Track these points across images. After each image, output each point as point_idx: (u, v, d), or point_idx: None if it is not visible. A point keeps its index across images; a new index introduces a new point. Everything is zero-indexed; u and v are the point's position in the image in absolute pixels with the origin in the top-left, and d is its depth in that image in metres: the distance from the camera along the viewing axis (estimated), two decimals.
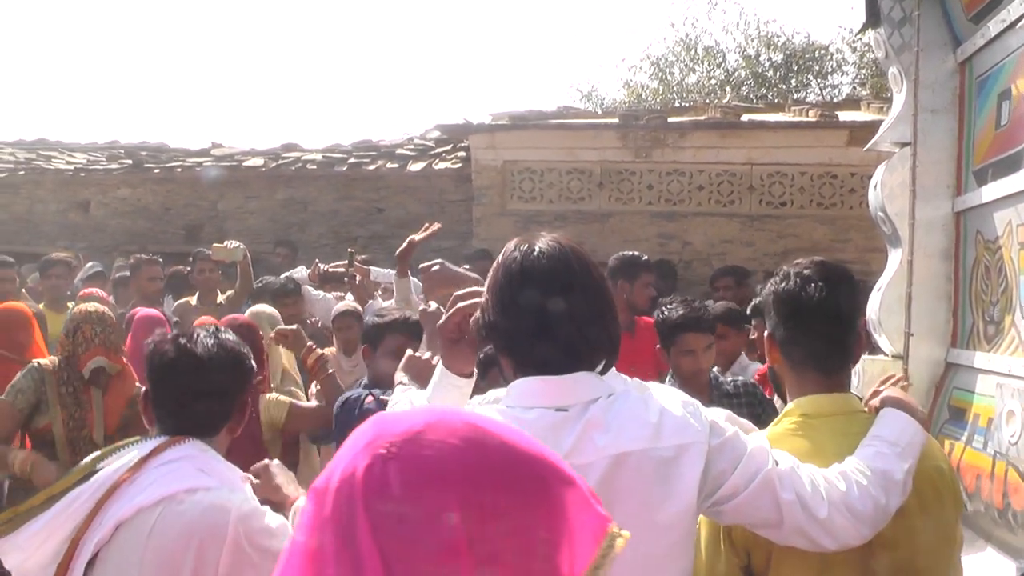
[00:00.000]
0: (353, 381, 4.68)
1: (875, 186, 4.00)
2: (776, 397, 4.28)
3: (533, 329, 1.82)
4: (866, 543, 1.94)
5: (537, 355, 1.81)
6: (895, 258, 3.95)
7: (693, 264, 8.69)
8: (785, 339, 2.23)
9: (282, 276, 7.09)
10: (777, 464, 1.84)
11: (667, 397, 1.85)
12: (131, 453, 2.30)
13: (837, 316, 2.18)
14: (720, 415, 1.96)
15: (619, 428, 1.75)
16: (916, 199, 3.79)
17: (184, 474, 2.25)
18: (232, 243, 6.88)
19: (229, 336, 2.51)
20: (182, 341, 2.42)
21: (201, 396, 2.39)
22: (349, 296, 6.74)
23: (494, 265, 1.92)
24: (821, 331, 2.18)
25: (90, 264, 8.45)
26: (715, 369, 4.25)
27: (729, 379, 4.18)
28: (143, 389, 2.58)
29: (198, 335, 2.44)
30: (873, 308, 3.95)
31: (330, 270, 7.28)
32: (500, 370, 1.96)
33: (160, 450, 2.29)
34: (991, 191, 3.43)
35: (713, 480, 1.78)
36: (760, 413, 3.76)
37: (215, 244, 6.94)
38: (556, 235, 1.94)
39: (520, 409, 1.79)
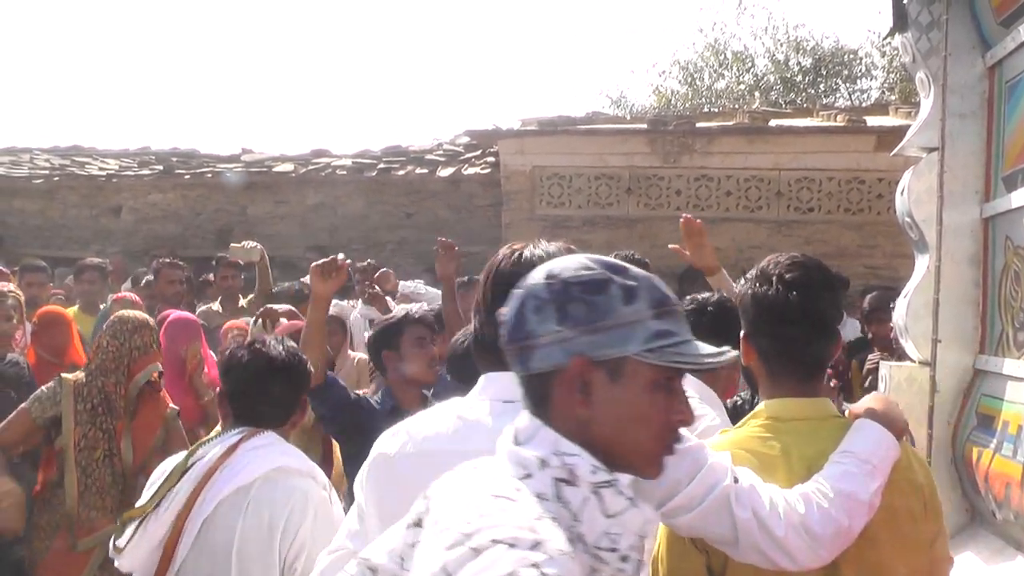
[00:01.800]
0: None
1: (902, 191, 3.97)
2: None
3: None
4: (832, 561, 1.90)
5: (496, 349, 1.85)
6: (922, 264, 3.92)
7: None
8: (760, 341, 2.17)
9: (295, 282, 7.14)
10: (737, 480, 1.81)
11: None
12: (216, 448, 2.77)
13: (811, 319, 2.11)
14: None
15: None
16: (944, 204, 3.77)
17: (273, 456, 2.75)
18: (249, 243, 6.92)
19: (292, 344, 3.00)
20: (257, 346, 2.88)
21: (272, 394, 2.84)
22: (359, 303, 6.81)
23: (487, 266, 1.97)
24: (795, 335, 2.11)
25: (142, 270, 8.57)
26: None
27: None
28: (217, 389, 3.05)
29: (269, 342, 2.91)
30: (900, 314, 3.93)
31: None
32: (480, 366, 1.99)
33: (245, 439, 2.77)
34: (1021, 196, 3.41)
35: (669, 487, 1.75)
36: None
37: (232, 244, 7.00)
38: (553, 242, 1.96)
39: (473, 399, 1.87)
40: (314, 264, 3.72)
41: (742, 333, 2.23)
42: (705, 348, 1.44)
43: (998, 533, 3.49)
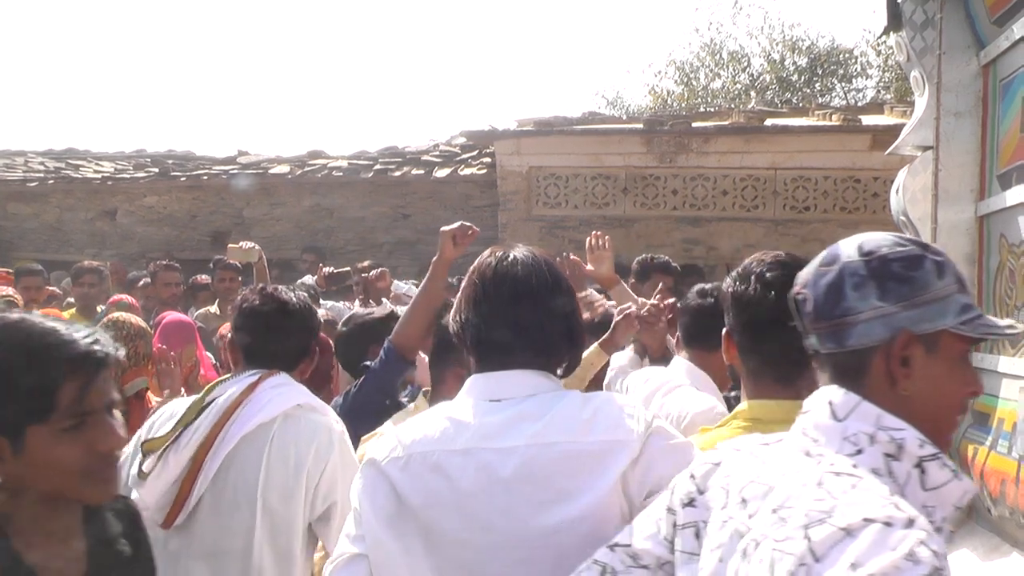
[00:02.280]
0: None
1: (897, 190, 3.98)
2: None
3: (497, 328, 1.89)
4: None
5: (495, 352, 1.89)
6: None
7: (717, 269, 8.68)
8: (741, 342, 2.17)
9: (297, 283, 7.15)
10: None
11: (608, 400, 1.87)
12: (232, 387, 2.78)
13: (790, 320, 2.12)
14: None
15: (549, 420, 1.78)
16: (939, 203, 3.77)
17: (294, 394, 2.80)
18: (247, 244, 6.92)
19: (303, 293, 3.05)
20: (269, 291, 2.95)
21: (284, 338, 2.90)
22: (356, 304, 6.80)
23: (470, 269, 2.00)
24: (777, 337, 2.06)
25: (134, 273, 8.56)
26: None
27: None
28: (228, 335, 3.06)
29: (279, 288, 2.98)
30: None
31: (336, 272, 7.31)
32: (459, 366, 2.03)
33: (264, 378, 2.79)
34: (1016, 195, 3.41)
35: (655, 481, 1.75)
36: None
37: (230, 245, 6.98)
38: (530, 247, 2.02)
39: (461, 399, 1.89)
40: (446, 228, 3.78)
41: (724, 330, 2.23)
42: (1000, 320, 1.51)
43: (994, 530, 3.50)
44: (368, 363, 3.75)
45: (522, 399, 1.83)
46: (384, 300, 6.47)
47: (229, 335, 3.05)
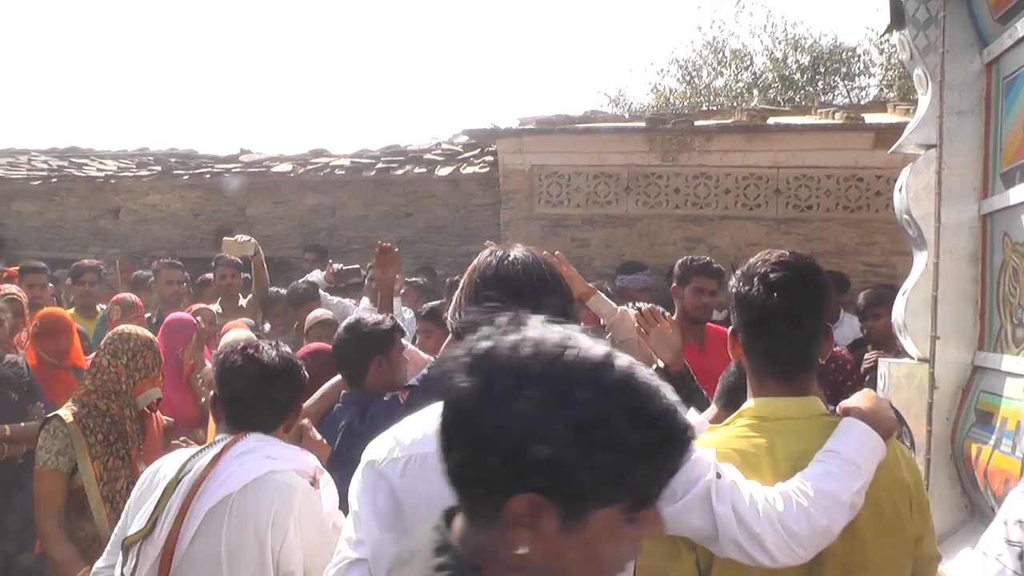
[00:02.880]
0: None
1: (900, 188, 3.98)
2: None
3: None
4: (817, 556, 1.91)
5: None
6: (921, 261, 3.93)
7: (736, 269, 8.66)
8: (746, 341, 2.17)
9: (301, 280, 7.14)
10: (719, 476, 1.82)
11: None
12: (202, 458, 2.74)
13: (798, 321, 2.10)
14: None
15: None
16: (942, 202, 3.77)
17: (255, 463, 2.72)
18: (243, 237, 6.91)
19: (286, 349, 2.97)
20: (251, 352, 2.87)
21: (266, 399, 2.85)
22: (365, 300, 6.78)
23: (469, 268, 2.01)
24: (781, 337, 2.11)
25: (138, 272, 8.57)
26: None
27: None
28: (212, 393, 3.01)
29: (263, 347, 2.90)
30: (899, 311, 3.94)
31: (345, 269, 7.30)
32: None
33: (228, 447, 2.75)
34: (1018, 193, 3.41)
35: (667, 490, 1.76)
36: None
37: (226, 238, 6.97)
38: (529, 247, 2.04)
39: None
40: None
41: (730, 329, 2.24)
42: None
43: None
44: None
45: None
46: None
47: (213, 394, 3.01)
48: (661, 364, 3.65)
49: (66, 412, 3.87)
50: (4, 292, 5.43)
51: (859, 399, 2.13)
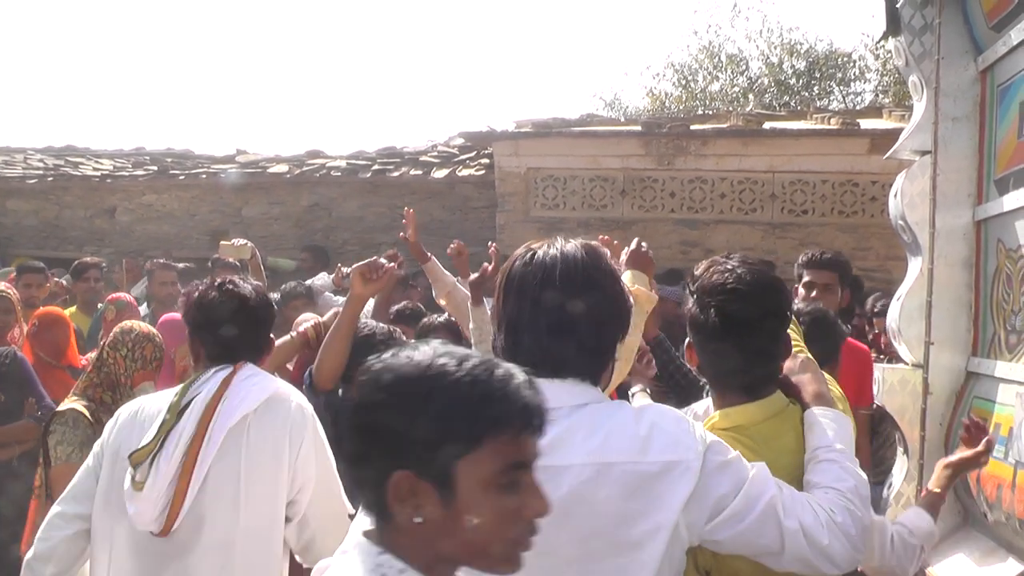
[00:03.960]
0: None
1: (895, 194, 3.99)
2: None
3: (529, 330, 1.81)
4: None
5: (529, 356, 1.76)
6: (915, 267, 3.94)
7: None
8: (702, 357, 2.16)
9: (307, 282, 7.13)
10: (780, 490, 1.80)
11: (661, 413, 1.80)
12: (207, 385, 2.79)
13: (756, 338, 2.09)
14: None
15: (606, 435, 1.72)
16: (936, 208, 3.79)
17: (268, 383, 2.85)
18: (239, 241, 6.90)
19: (252, 282, 3.04)
20: (226, 286, 2.93)
21: (247, 332, 2.91)
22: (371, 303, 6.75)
23: (508, 267, 1.91)
24: (739, 356, 2.09)
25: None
26: None
27: None
28: (187, 332, 3.03)
29: (229, 280, 2.97)
30: (893, 317, 3.95)
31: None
32: None
33: (236, 371, 2.83)
34: (1013, 200, 3.43)
35: (715, 504, 1.73)
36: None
37: (223, 242, 6.96)
38: (583, 241, 1.91)
39: None
40: (356, 265, 3.69)
41: (687, 342, 2.23)
42: None
43: (989, 534, 3.50)
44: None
45: (571, 410, 1.76)
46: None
47: (188, 331, 3.03)
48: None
49: (79, 405, 3.83)
50: None
51: (801, 380, 2.16)
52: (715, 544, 1.81)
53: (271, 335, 3.08)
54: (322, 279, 7.34)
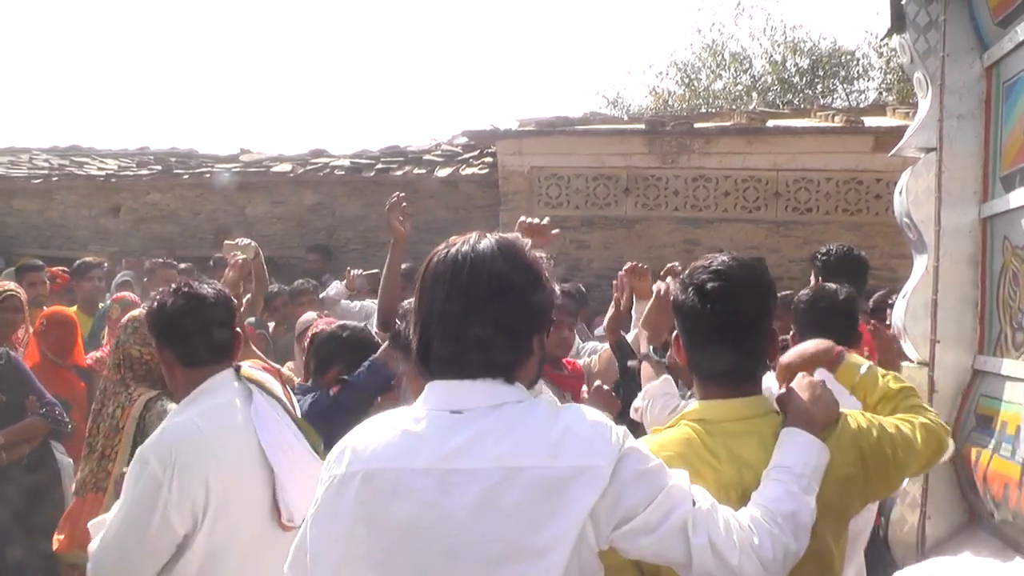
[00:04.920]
0: None
1: (900, 192, 3.98)
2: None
3: (439, 330, 1.77)
4: None
5: (441, 356, 1.77)
6: (921, 264, 3.93)
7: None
8: (689, 351, 2.16)
9: (321, 295, 7.12)
10: (695, 504, 1.76)
11: (578, 416, 1.74)
12: (228, 393, 2.77)
13: (739, 330, 2.09)
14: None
15: (518, 439, 1.67)
16: (942, 205, 3.78)
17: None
18: (244, 240, 6.90)
19: (209, 283, 2.99)
20: (186, 290, 2.83)
21: (220, 327, 2.82)
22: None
23: (429, 262, 1.85)
24: (722, 348, 2.09)
25: (123, 273, 8.53)
26: None
27: None
28: (153, 344, 2.94)
29: (187, 285, 2.86)
30: (899, 315, 3.94)
31: (366, 274, 7.26)
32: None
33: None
34: (1019, 197, 3.42)
35: (624, 512, 1.69)
36: None
37: (227, 242, 6.96)
38: (502, 235, 1.86)
39: (420, 409, 1.77)
40: (389, 210, 4.25)
41: (675, 333, 2.23)
42: None
43: (996, 533, 3.50)
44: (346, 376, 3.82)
45: (486, 411, 1.72)
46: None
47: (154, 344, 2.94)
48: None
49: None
50: (3, 288, 5.42)
51: (797, 393, 2.11)
52: (622, 552, 1.78)
53: (238, 330, 2.97)
54: (335, 288, 7.29)
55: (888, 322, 5.71)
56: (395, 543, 1.67)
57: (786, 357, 2.19)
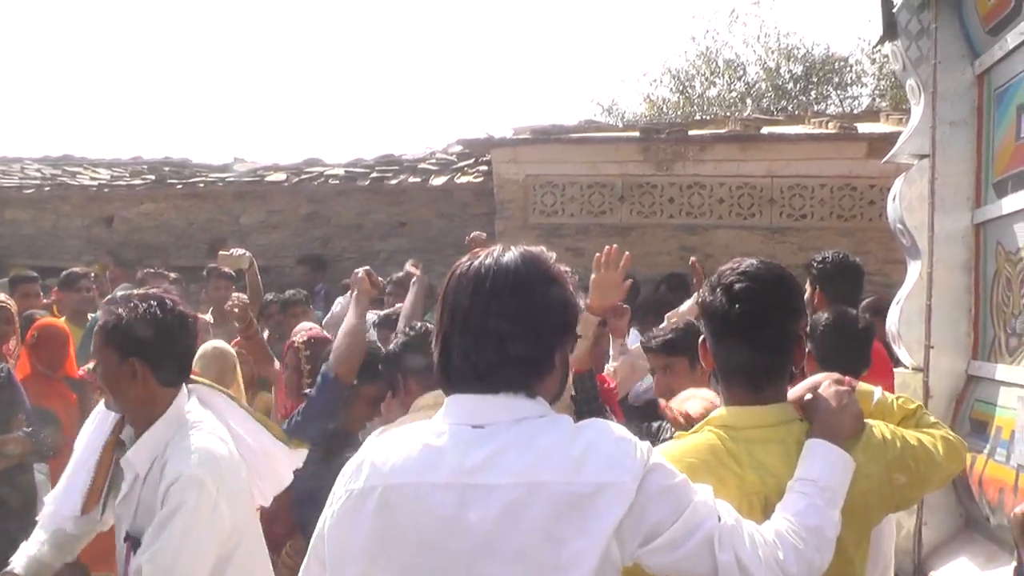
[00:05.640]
0: None
1: (894, 198, 4.00)
2: None
3: (461, 343, 1.75)
4: None
5: (462, 369, 1.76)
6: (915, 270, 3.95)
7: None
8: (715, 352, 2.16)
9: (327, 318, 7.10)
10: (720, 519, 1.75)
11: (601, 431, 1.72)
12: (199, 412, 2.69)
13: (757, 333, 2.08)
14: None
15: (539, 454, 1.66)
16: (935, 211, 3.79)
17: (155, 445, 2.61)
18: (238, 251, 6.90)
19: (174, 297, 2.77)
20: (173, 306, 2.68)
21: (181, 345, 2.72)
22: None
23: (453, 274, 1.83)
24: (748, 348, 2.09)
25: (123, 286, 8.50)
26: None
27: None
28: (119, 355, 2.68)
29: (144, 300, 2.66)
30: (893, 320, 3.95)
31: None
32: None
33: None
34: (1011, 203, 3.43)
35: (649, 528, 1.67)
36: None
37: (221, 252, 6.95)
38: (526, 247, 1.83)
39: (440, 423, 1.76)
40: (365, 268, 4.04)
41: (701, 339, 2.22)
42: None
43: (992, 538, 3.50)
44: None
45: (508, 425, 1.71)
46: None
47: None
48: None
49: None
50: None
51: (824, 400, 2.11)
52: (647, 568, 1.76)
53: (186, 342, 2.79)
54: (341, 305, 7.26)
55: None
56: (415, 558, 1.66)
57: (795, 392, 2.19)
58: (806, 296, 4.59)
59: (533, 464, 1.65)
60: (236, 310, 5.18)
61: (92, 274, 7.60)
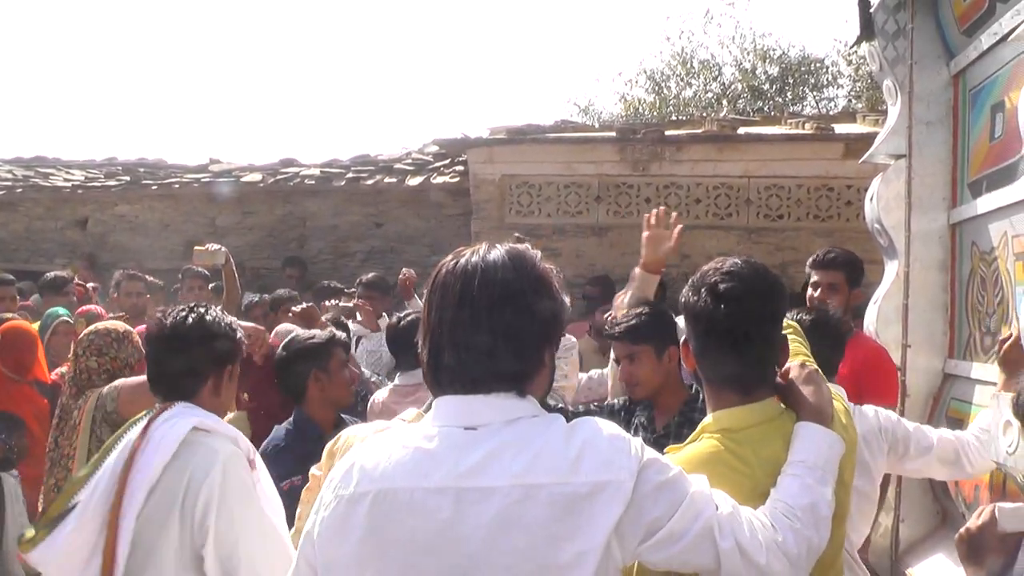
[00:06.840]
0: None
1: (871, 198, 4.02)
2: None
3: (449, 341, 1.74)
4: None
5: (450, 369, 1.74)
6: (892, 270, 3.97)
7: (690, 278, 8.67)
8: (699, 354, 2.15)
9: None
10: (717, 508, 1.76)
11: (595, 430, 1.72)
12: (133, 430, 2.68)
13: (749, 331, 2.08)
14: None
15: (535, 455, 1.65)
16: (912, 211, 3.81)
17: (182, 426, 2.63)
18: (213, 246, 6.83)
19: (211, 314, 2.85)
20: (159, 316, 2.85)
21: (174, 363, 2.78)
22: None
23: (439, 272, 1.82)
24: (734, 349, 2.08)
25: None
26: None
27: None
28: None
29: (169, 312, 2.85)
30: (871, 320, 3.97)
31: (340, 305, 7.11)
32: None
33: (155, 416, 2.68)
34: (986, 203, 3.45)
35: (649, 524, 1.68)
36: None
37: (196, 248, 6.89)
38: (512, 245, 1.83)
39: (430, 426, 1.74)
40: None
41: (682, 340, 2.22)
42: None
43: None
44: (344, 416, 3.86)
45: (501, 426, 1.69)
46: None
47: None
48: None
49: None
50: None
51: (802, 391, 2.11)
52: (650, 564, 1.77)
53: (222, 370, 2.86)
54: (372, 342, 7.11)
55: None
56: (410, 563, 1.64)
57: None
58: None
59: (529, 466, 1.64)
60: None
61: (75, 278, 7.54)
